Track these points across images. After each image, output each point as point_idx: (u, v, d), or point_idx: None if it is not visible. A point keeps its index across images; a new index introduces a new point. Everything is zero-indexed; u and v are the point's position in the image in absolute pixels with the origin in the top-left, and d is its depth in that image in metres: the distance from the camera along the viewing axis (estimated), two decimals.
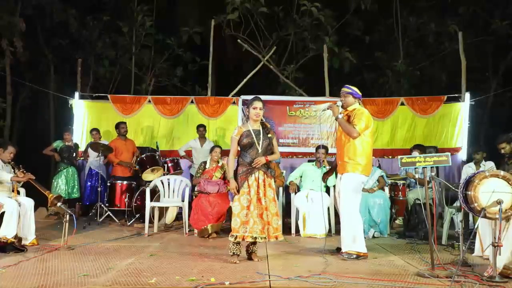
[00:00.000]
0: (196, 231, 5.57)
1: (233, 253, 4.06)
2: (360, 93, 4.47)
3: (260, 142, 4.05)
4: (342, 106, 4.44)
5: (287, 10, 10.42)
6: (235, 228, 3.99)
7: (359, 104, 4.47)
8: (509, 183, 3.35)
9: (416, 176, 4.07)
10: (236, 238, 3.97)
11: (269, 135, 4.13)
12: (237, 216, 3.99)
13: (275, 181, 4.19)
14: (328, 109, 4.39)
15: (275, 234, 4.03)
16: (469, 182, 3.46)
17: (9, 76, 9.67)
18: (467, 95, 7.96)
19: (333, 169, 4.92)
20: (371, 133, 4.37)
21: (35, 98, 11.78)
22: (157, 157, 6.83)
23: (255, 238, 3.95)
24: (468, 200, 3.43)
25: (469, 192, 3.41)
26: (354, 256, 4.19)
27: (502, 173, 3.43)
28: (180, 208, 6.05)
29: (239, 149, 4.19)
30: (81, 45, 10.82)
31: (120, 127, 7.26)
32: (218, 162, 5.98)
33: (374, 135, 8.19)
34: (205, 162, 6.07)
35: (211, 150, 6.05)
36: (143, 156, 6.79)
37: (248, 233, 3.94)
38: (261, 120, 4.17)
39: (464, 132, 7.91)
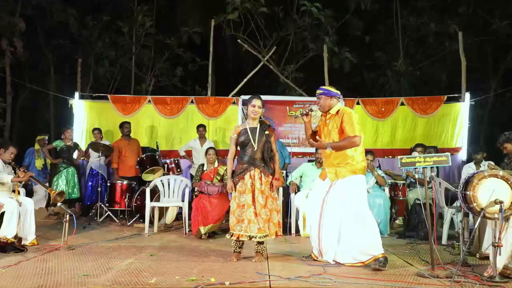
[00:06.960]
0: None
1: (234, 250, 4.12)
2: (337, 91, 4.08)
3: (256, 139, 4.04)
4: (320, 110, 4.11)
5: (287, 10, 10.43)
6: (231, 226, 4.04)
7: (340, 103, 4.11)
8: (508, 183, 3.35)
9: (416, 176, 4.05)
10: (232, 235, 4.02)
11: (266, 132, 4.07)
12: (233, 214, 4.04)
13: (274, 178, 4.08)
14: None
15: (275, 229, 4.07)
16: (468, 182, 3.46)
17: (9, 76, 9.68)
18: (467, 95, 7.95)
19: None
20: (360, 131, 3.95)
21: (35, 98, 11.79)
22: (157, 157, 6.84)
23: (251, 237, 3.96)
24: (467, 200, 3.43)
25: (468, 192, 3.41)
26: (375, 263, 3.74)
27: (501, 173, 3.43)
28: (180, 208, 6.05)
29: (239, 148, 4.20)
30: (81, 45, 10.82)
31: (123, 127, 7.29)
32: (214, 163, 5.98)
33: (374, 135, 8.23)
34: (202, 165, 6.07)
35: (206, 152, 6.05)
36: (143, 156, 6.80)
37: (243, 231, 3.96)
38: (260, 118, 4.16)
39: (464, 132, 7.91)
